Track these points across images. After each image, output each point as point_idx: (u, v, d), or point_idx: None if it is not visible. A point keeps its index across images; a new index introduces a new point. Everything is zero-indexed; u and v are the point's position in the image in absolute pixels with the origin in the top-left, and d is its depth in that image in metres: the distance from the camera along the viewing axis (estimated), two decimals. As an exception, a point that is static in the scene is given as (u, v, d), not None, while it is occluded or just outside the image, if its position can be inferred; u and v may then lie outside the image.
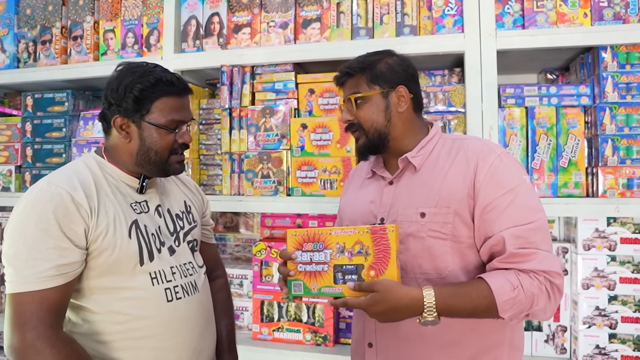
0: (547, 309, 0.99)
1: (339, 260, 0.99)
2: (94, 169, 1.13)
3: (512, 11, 1.59)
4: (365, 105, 1.13)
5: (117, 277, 1.07)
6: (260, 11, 1.83)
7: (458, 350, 1.05)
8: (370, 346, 1.12)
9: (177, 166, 1.17)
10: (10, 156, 2.12)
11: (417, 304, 0.94)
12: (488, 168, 1.03)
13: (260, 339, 1.80)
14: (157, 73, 1.12)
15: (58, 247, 0.99)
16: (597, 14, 1.54)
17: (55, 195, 1.01)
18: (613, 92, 1.52)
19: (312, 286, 1.02)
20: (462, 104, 1.65)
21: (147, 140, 1.12)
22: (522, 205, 1.01)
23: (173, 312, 1.11)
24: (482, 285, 0.96)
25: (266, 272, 1.83)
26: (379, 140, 1.13)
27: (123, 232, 1.07)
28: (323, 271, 1.01)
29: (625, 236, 1.56)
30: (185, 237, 1.23)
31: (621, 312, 1.54)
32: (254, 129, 1.80)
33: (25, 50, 2.11)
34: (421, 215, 1.06)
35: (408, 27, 1.69)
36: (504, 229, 0.99)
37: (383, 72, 1.12)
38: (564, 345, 1.63)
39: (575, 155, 1.55)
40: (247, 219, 2.17)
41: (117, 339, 1.06)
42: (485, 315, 0.98)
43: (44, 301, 0.98)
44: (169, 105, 1.12)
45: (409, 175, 1.13)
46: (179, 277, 1.15)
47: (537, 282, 0.96)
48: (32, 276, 0.97)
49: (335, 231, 1.00)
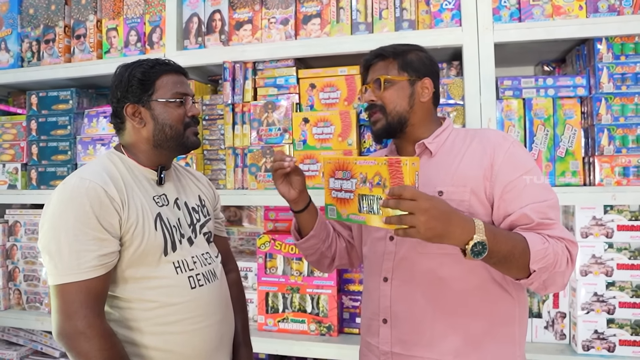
0: (565, 274, 1.04)
1: (362, 190, 1.00)
2: (118, 165, 1.18)
3: (509, 4, 1.62)
4: (392, 88, 1.18)
5: (145, 267, 1.12)
6: (261, 8, 1.86)
7: (473, 325, 1.09)
8: (385, 322, 1.15)
9: (194, 138, 1.24)
10: (16, 154, 2.15)
11: (468, 218, 0.93)
12: (505, 152, 1.10)
13: (265, 330, 1.84)
14: (152, 59, 1.23)
15: (98, 238, 1.04)
16: (592, 6, 1.57)
17: (90, 189, 1.06)
18: (608, 82, 1.56)
19: (342, 212, 1.06)
20: (460, 96, 1.68)
21: (159, 118, 1.18)
22: (538, 185, 1.08)
23: (197, 298, 1.17)
24: (517, 233, 1.01)
25: (270, 264, 1.86)
26: (398, 124, 1.18)
27: (150, 224, 1.13)
28: (350, 199, 1.03)
29: (622, 223, 1.59)
30: (201, 229, 1.28)
31: (619, 298, 1.58)
32: (256, 124, 1.83)
33: (29, 50, 2.14)
34: (439, 194, 1.11)
35: (407, 22, 1.72)
36: (524, 205, 1.05)
37: (413, 62, 1.19)
38: (563, 331, 1.67)
39: (572, 145, 1.58)
40: (251, 213, 2.21)
41: (146, 325, 1.11)
42: (517, 262, 0.98)
43: (90, 291, 1.03)
44: (171, 81, 1.20)
45: (425, 160, 1.18)
46: (199, 265, 1.21)
47: (560, 245, 1.02)
48: (78, 267, 1.02)
49: (359, 161, 1.02)
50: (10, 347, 2.24)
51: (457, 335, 1.09)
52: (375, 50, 1.22)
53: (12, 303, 2.18)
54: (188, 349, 1.14)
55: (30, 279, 2.14)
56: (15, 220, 2.19)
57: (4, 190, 2.14)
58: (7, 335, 2.29)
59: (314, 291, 1.79)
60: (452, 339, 1.09)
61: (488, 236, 0.92)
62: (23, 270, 2.15)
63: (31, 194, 2.08)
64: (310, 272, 1.82)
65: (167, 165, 1.26)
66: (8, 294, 2.17)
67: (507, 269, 1.01)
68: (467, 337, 1.09)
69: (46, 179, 2.08)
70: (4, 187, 2.14)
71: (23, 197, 2.11)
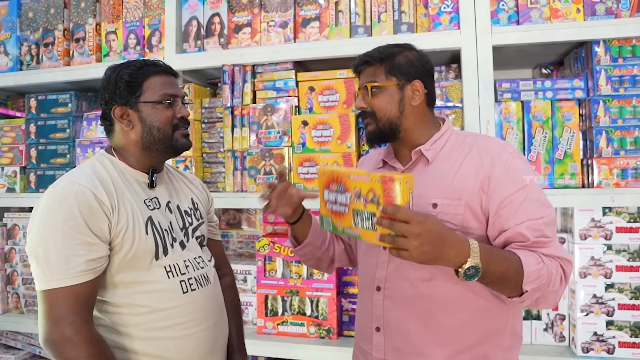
0: (558, 293, 1.03)
1: (356, 205, 0.98)
2: (109, 168, 1.16)
3: (507, 7, 1.63)
4: (380, 94, 1.15)
5: (136, 271, 1.10)
6: (260, 11, 1.86)
7: (464, 335, 1.08)
8: (378, 330, 1.14)
9: (183, 140, 1.21)
10: (15, 157, 2.15)
11: (464, 241, 0.93)
12: (503, 165, 1.07)
13: (264, 333, 1.83)
14: (140, 60, 1.21)
15: (86, 243, 1.02)
16: (589, 9, 1.58)
17: (79, 193, 1.04)
18: (606, 85, 1.56)
19: (338, 224, 1.04)
20: (459, 99, 1.68)
21: (147, 120, 1.16)
22: (535, 201, 1.06)
23: (189, 303, 1.15)
24: (512, 253, 1.00)
25: (270, 267, 1.86)
26: (389, 130, 1.15)
27: (141, 228, 1.11)
28: (345, 212, 1.01)
29: (620, 225, 1.59)
30: (193, 233, 1.26)
31: (618, 300, 1.58)
32: (255, 127, 1.83)
33: (28, 53, 2.14)
34: (433, 206, 1.08)
35: (405, 25, 1.72)
36: (519, 222, 1.03)
37: (401, 65, 1.15)
38: (562, 333, 1.67)
39: (570, 147, 1.59)
40: (250, 216, 2.21)
41: (137, 330, 1.09)
42: (510, 283, 0.98)
43: (78, 296, 1.01)
44: (159, 82, 1.18)
45: (422, 167, 1.16)
46: (192, 269, 1.19)
47: (554, 264, 1.02)
48: (65, 272, 1.00)
49: (353, 175, 1.00)
50: (8, 351, 2.23)
51: (449, 344, 1.08)
52: (362, 55, 1.19)
53: (11, 307, 2.18)
54: (180, 355, 1.12)
55: (29, 282, 2.13)
56: (14, 224, 2.19)
57: (2, 193, 2.14)
58: (6, 339, 2.28)
59: (314, 294, 1.79)
60: (444, 348, 1.08)
61: (483, 258, 0.93)
62: (21, 273, 2.15)
63: (30, 197, 2.08)
64: (310, 275, 1.82)
65: (159, 168, 1.24)
66: (6, 297, 2.17)
67: (500, 288, 1.01)
68: (459, 346, 1.08)
69: (45, 182, 2.07)
70: (2, 190, 2.14)
71: (22, 201, 2.11)
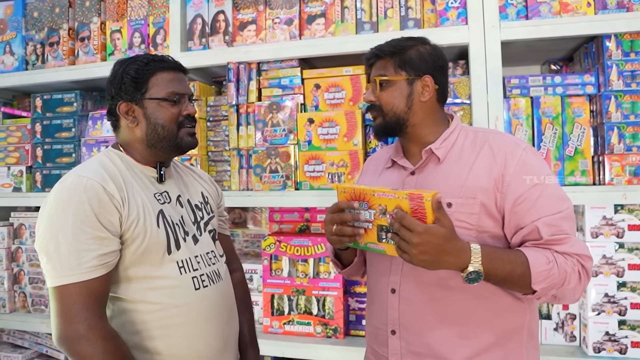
0: (576, 290, 1.02)
1: (381, 221, 1.00)
2: (117, 162, 1.15)
3: (516, 2, 1.60)
4: (389, 88, 1.13)
5: (148, 266, 1.09)
6: (265, 8, 1.85)
7: (482, 336, 1.06)
8: (394, 333, 1.13)
9: (189, 139, 1.20)
10: (21, 157, 2.15)
11: (464, 248, 0.96)
12: (517, 161, 1.06)
13: (271, 332, 1.82)
14: (147, 55, 1.18)
15: (98, 237, 1.01)
16: (600, 2, 1.55)
17: (88, 187, 1.03)
18: (618, 80, 1.53)
19: (360, 241, 1.06)
20: (467, 95, 1.66)
21: (152, 117, 1.15)
22: (552, 196, 1.04)
23: (201, 300, 1.14)
24: (520, 254, 1.00)
25: (276, 266, 1.85)
26: (396, 124, 1.14)
27: (152, 221, 1.10)
28: (369, 229, 1.03)
29: (633, 223, 1.56)
30: (205, 226, 1.25)
31: (630, 299, 1.55)
32: (261, 125, 1.81)
33: (33, 53, 2.14)
34: (447, 206, 1.07)
35: (412, 21, 1.70)
36: (536, 219, 1.02)
37: (412, 59, 1.13)
38: (573, 332, 1.64)
39: (581, 144, 1.56)
40: (255, 215, 2.19)
41: (149, 327, 1.08)
42: (518, 283, 0.99)
43: (91, 292, 0.99)
44: (165, 78, 1.16)
45: (433, 166, 1.14)
46: (203, 265, 1.18)
47: (570, 262, 1.00)
48: (77, 267, 0.99)
49: (378, 193, 1.01)
50: (15, 350, 2.23)
51: (467, 346, 1.06)
52: (373, 48, 1.18)
53: (18, 306, 2.18)
54: (192, 353, 1.11)
55: (35, 281, 2.14)
56: (20, 223, 2.19)
57: (9, 193, 2.14)
58: (13, 338, 2.29)
59: (320, 293, 1.77)
60: (463, 350, 1.06)
61: (484, 262, 0.95)
62: (28, 273, 2.15)
63: (36, 196, 2.08)
64: (316, 274, 1.80)
65: (167, 163, 1.23)
66: (13, 296, 2.17)
67: (509, 287, 1.03)
68: (477, 347, 1.06)
69: (51, 181, 2.07)
70: (9, 189, 2.14)
71: (28, 200, 2.11)
